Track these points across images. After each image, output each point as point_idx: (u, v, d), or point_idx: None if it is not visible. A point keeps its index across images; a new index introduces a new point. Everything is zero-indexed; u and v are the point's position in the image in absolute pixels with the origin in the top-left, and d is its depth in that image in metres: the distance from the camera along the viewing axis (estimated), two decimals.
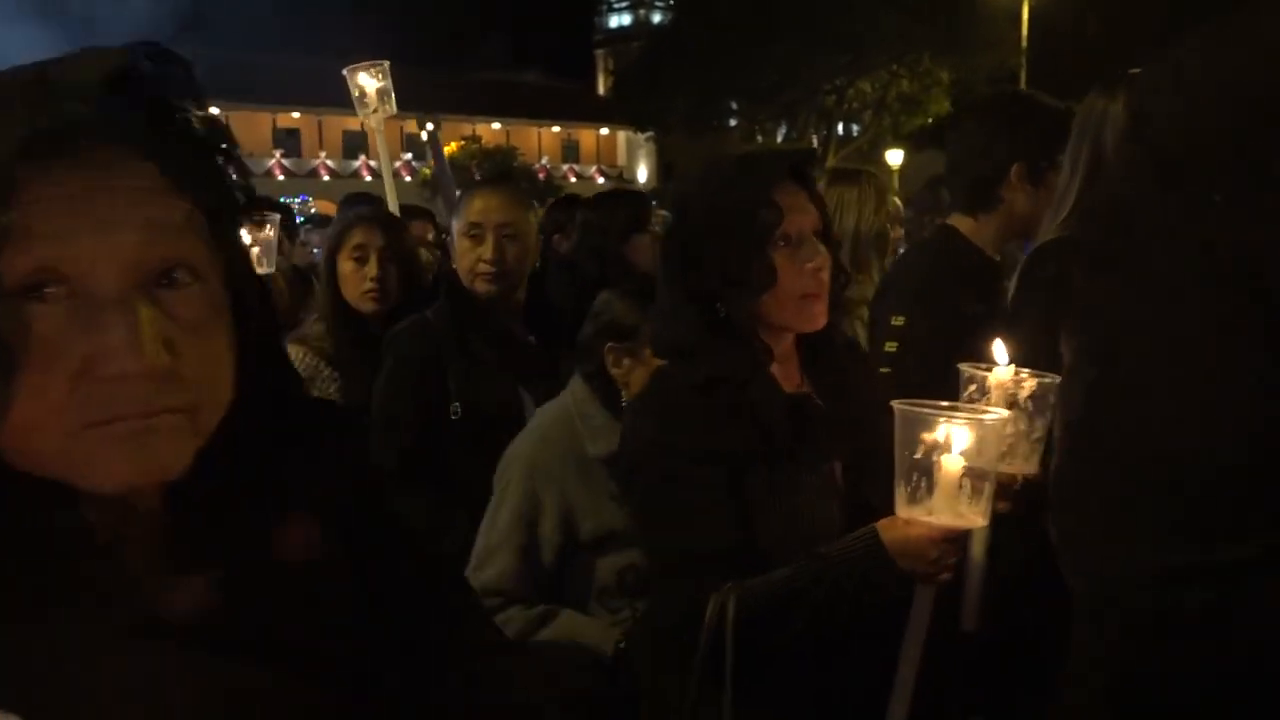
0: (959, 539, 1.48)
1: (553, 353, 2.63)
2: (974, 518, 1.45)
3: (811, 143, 32.55)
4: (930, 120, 33.45)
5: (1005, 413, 1.50)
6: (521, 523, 2.06)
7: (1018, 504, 1.58)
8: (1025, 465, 1.59)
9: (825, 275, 1.65)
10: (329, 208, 17.36)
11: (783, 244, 1.63)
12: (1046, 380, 1.57)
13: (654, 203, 5.41)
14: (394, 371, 2.60)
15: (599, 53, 59.57)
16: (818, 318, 1.67)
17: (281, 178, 38.79)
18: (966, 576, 1.55)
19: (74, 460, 0.67)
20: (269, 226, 3.02)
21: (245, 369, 0.75)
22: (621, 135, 47.34)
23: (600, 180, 43.45)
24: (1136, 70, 2.37)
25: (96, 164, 0.68)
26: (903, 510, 1.45)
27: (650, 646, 1.77)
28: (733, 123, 36.84)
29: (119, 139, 0.69)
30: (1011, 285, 2.36)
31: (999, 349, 1.61)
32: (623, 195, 4.52)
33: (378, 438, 2.56)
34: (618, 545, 2.05)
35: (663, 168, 43.04)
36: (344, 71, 4.01)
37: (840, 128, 36.06)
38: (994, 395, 1.57)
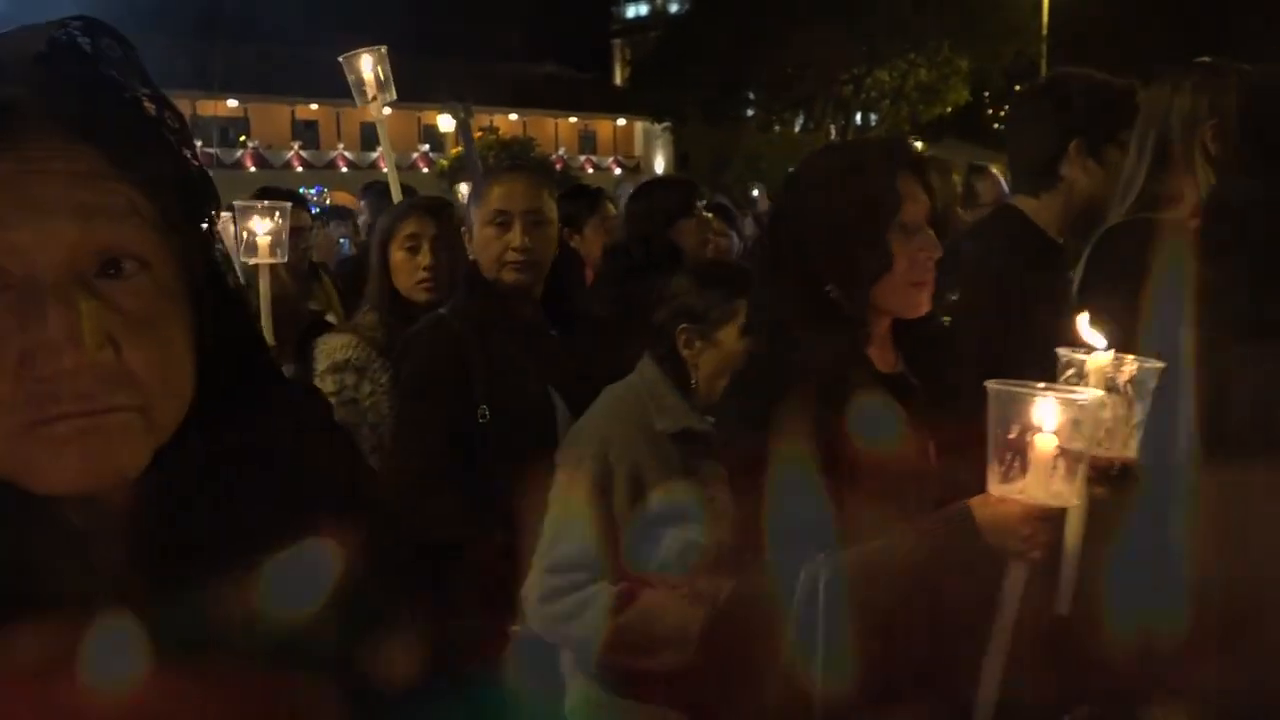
0: (1052, 518, 1.48)
1: (571, 346, 2.60)
2: (1068, 497, 1.45)
3: (829, 133, 32.46)
4: (949, 110, 33.30)
5: (1099, 393, 1.49)
6: (596, 495, 2.08)
7: (1115, 489, 1.58)
8: (1124, 450, 1.57)
9: (933, 263, 1.68)
10: (347, 199, 17.39)
11: (899, 231, 1.66)
12: (1147, 365, 1.56)
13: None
14: (413, 375, 2.52)
15: (616, 43, 59.44)
16: (923, 305, 1.71)
17: (300, 169, 38.89)
18: (1061, 559, 1.55)
19: (20, 461, 0.64)
20: (279, 215, 2.99)
21: (212, 359, 0.72)
22: (638, 125, 47.20)
23: (617, 171, 43.40)
24: (1204, 60, 2.38)
25: (30, 146, 0.64)
26: (995, 488, 1.46)
27: (743, 620, 1.78)
28: (749, 113, 36.77)
29: (54, 119, 0.65)
30: (1080, 268, 2.35)
31: (1096, 335, 1.60)
32: (668, 181, 4.58)
33: (400, 441, 2.52)
34: (681, 520, 2.07)
35: (679, 158, 42.92)
36: (340, 59, 3.82)
37: (858, 117, 35.92)
38: (1092, 379, 1.56)
